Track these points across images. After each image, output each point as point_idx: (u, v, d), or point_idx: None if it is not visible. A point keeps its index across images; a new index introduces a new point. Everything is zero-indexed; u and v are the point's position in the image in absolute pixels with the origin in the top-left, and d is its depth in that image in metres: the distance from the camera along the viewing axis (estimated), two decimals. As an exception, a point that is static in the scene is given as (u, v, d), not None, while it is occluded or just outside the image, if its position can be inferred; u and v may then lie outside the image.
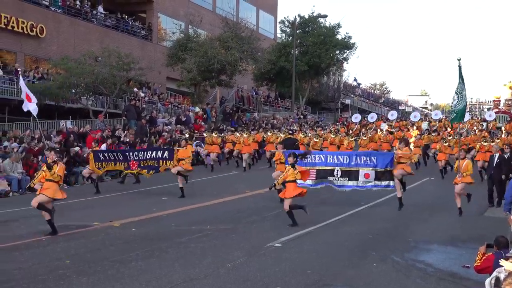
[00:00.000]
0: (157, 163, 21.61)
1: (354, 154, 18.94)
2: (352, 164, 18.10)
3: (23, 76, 33.10)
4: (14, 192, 22.74)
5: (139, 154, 22.12)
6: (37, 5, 38.30)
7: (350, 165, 18.12)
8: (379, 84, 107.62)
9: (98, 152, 22.48)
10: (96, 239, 14.02)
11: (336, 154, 19.36)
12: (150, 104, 41.03)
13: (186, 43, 44.09)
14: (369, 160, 18.02)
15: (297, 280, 10.38)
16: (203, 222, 16.15)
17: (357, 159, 18.18)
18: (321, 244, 13.65)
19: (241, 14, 55.71)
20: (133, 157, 21.90)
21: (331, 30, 59.00)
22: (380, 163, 17.85)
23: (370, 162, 17.94)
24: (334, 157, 18.50)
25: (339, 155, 18.71)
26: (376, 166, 17.85)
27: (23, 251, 12.51)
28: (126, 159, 21.98)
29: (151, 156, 21.77)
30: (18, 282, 9.95)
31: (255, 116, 50.04)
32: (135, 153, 22.36)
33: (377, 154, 19.37)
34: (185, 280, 10.24)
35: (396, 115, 53.49)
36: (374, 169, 17.85)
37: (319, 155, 18.99)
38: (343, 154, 18.98)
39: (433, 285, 10.56)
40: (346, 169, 18.11)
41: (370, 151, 24.23)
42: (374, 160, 17.97)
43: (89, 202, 20.22)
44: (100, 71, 34.18)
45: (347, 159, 18.27)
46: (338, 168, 18.14)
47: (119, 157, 22.11)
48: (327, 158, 18.52)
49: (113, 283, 9.96)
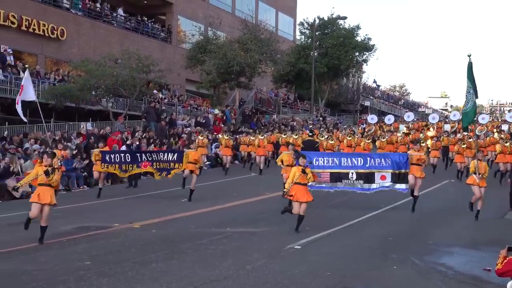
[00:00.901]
0: (168, 165, 21.17)
1: (368, 156, 18.60)
2: (366, 166, 17.75)
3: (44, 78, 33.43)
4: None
5: (152, 155, 21.74)
6: (58, 7, 38.64)
7: (364, 167, 17.75)
8: (398, 86, 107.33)
9: (105, 152, 21.94)
10: (117, 240, 14.08)
11: (351, 156, 18.88)
12: (170, 106, 41.18)
13: (205, 45, 44.18)
14: (384, 161, 17.70)
15: (317, 283, 10.35)
16: (222, 224, 16.16)
17: (371, 161, 17.83)
18: (341, 246, 13.61)
19: (260, 16, 55.74)
20: (145, 158, 21.51)
21: (351, 31, 58.86)
22: (395, 164, 17.54)
23: (386, 163, 17.61)
24: (349, 160, 18.08)
25: (353, 157, 18.31)
26: (391, 168, 17.51)
27: (44, 252, 12.58)
28: (136, 160, 21.50)
29: (163, 158, 21.36)
30: (40, 283, 10.01)
31: (274, 118, 50.01)
32: (147, 154, 22.07)
33: (391, 155, 19.03)
34: (205, 282, 10.25)
35: (413, 116, 53.18)
36: (390, 171, 17.49)
37: (333, 157, 18.48)
38: (357, 156, 18.59)
39: (454, 288, 10.50)
40: (361, 172, 17.75)
41: (385, 153, 23.81)
42: (389, 161, 17.64)
43: (108, 204, 20.30)
44: (120, 73, 34.35)
45: (361, 161, 17.87)
46: (353, 170, 17.75)
47: (126, 159, 21.56)
48: (341, 161, 18.04)
49: (133, 285, 9.99)
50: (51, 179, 13.54)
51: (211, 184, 26.00)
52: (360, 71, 67.49)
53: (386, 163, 17.60)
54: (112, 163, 21.47)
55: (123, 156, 21.69)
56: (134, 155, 21.82)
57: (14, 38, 35.18)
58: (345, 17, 59.20)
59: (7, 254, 12.41)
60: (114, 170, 21.65)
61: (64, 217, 17.32)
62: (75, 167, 24.68)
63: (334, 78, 61.49)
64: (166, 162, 21.19)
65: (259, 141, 30.07)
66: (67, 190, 24.22)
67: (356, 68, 61.91)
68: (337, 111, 66.56)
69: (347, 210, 18.26)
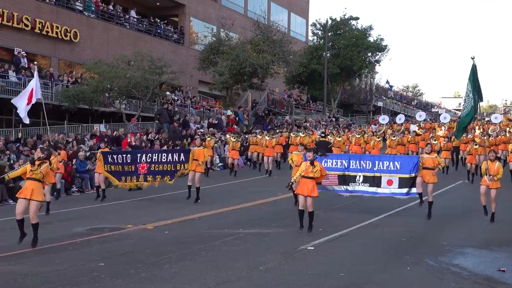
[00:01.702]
0: (173, 167, 20.46)
1: (378, 159, 18.32)
2: (375, 169, 17.53)
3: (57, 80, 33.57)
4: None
5: (153, 156, 21.02)
6: (71, 10, 38.86)
7: (372, 170, 17.55)
8: (411, 86, 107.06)
9: (107, 153, 21.64)
10: (130, 241, 14.11)
11: (359, 158, 18.65)
12: (182, 108, 41.25)
13: (218, 46, 44.24)
14: (392, 165, 17.38)
15: (331, 284, 10.33)
16: (235, 225, 16.17)
17: (379, 164, 17.58)
18: (354, 247, 13.57)
19: (272, 17, 55.81)
20: (144, 159, 20.82)
21: (363, 32, 58.88)
22: (404, 168, 17.21)
23: (394, 167, 17.31)
24: (357, 163, 17.86)
25: (362, 160, 18.06)
26: (399, 172, 17.22)
27: (58, 253, 12.63)
28: (134, 161, 20.91)
29: (166, 159, 20.66)
30: (54, 284, 10.05)
31: (287, 119, 50.00)
32: (148, 154, 21.27)
33: (401, 159, 18.61)
34: (218, 283, 10.25)
35: (425, 116, 52.95)
36: (398, 175, 17.24)
37: (342, 159, 18.28)
38: (366, 159, 18.34)
39: (468, 289, 10.45)
40: (368, 175, 17.57)
41: (394, 155, 23.37)
42: (397, 165, 17.32)
43: (121, 205, 20.36)
44: (133, 75, 34.46)
45: (369, 164, 17.67)
46: (361, 174, 17.60)
47: (127, 160, 21.10)
48: (350, 163, 17.88)
49: (146, 286, 10.01)
50: (35, 170, 13.09)
51: (223, 185, 26.06)
52: (373, 72, 67.36)
53: (395, 167, 17.32)
54: (115, 164, 21.18)
55: (124, 157, 21.33)
56: (135, 156, 21.33)
57: (28, 41, 35.42)
58: (357, 17, 59.26)
59: (21, 255, 12.47)
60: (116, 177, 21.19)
61: (77, 219, 17.45)
62: (88, 168, 24.78)
63: (346, 79, 61.43)
64: (170, 164, 20.56)
65: (266, 142, 29.78)
66: (81, 192, 24.33)
67: (368, 68, 61.77)
68: (349, 112, 66.49)
69: (360, 211, 18.19)
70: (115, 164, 21.19)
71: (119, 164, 21.16)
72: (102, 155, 21.40)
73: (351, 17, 58.73)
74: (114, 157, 21.37)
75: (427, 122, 50.68)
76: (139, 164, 20.87)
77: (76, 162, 25.05)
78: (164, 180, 20.67)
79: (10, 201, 20.78)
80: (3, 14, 33.54)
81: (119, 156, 21.48)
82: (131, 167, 20.98)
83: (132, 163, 20.99)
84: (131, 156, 21.29)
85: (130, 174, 21.00)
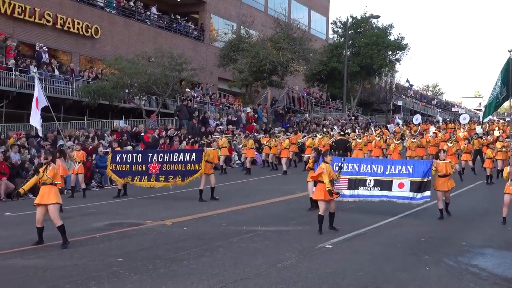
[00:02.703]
0: (184, 167, 20.27)
1: (390, 163, 18.12)
2: (386, 173, 17.28)
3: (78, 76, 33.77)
4: (69, 190, 23.14)
5: (165, 155, 20.92)
6: (92, 6, 39.08)
7: (384, 175, 17.30)
8: (432, 85, 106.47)
9: (117, 152, 21.55)
10: (149, 237, 14.18)
11: (370, 162, 18.45)
12: (202, 104, 41.35)
13: (238, 43, 44.25)
14: (404, 169, 17.13)
15: (348, 282, 10.30)
16: (254, 222, 16.18)
17: (391, 168, 17.34)
18: (372, 246, 13.53)
19: (293, 15, 55.73)
20: (156, 159, 20.65)
21: (384, 31, 58.64)
22: (416, 172, 16.94)
23: (406, 171, 17.05)
24: (368, 166, 17.66)
25: (374, 164, 17.88)
26: (411, 176, 16.95)
27: (78, 248, 12.71)
28: (146, 160, 20.73)
29: (178, 158, 20.50)
30: (73, 278, 10.12)
31: (306, 117, 49.93)
32: (160, 154, 21.17)
33: (414, 163, 18.29)
34: (236, 279, 10.26)
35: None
36: (409, 179, 16.97)
37: (352, 163, 18.01)
38: (377, 163, 18.16)
39: (487, 290, 10.39)
40: (379, 179, 17.33)
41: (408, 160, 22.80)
42: (410, 169, 17.06)
43: (140, 201, 20.44)
44: (153, 71, 34.62)
45: (381, 168, 17.44)
46: (371, 178, 17.36)
47: (137, 159, 20.93)
48: (361, 167, 17.69)
49: (165, 281, 10.04)
50: (42, 176, 12.87)
51: (241, 182, 26.11)
52: (393, 71, 67.03)
53: (407, 171, 17.05)
54: (122, 164, 21.02)
55: (135, 156, 21.20)
56: (146, 155, 21.17)
57: (49, 36, 35.69)
58: (378, 16, 58.90)
59: (41, 249, 12.57)
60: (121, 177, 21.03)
61: (97, 214, 17.57)
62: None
63: (366, 77, 61.19)
64: (181, 163, 20.37)
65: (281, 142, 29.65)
66: (100, 187, 24.47)
67: (389, 67, 61.45)
68: (369, 111, 66.26)
69: (378, 210, 18.06)
70: (122, 163, 21.04)
71: (126, 164, 20.99)
72: (111, 154, 21.42)
73: (372, 15, 58.49)
74: (123, 156, 21.24)
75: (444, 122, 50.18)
76: (150, 164, 20.68)
77: (95, 158, 25.20)
78: (175, 181, 20.49)
79: (30, 195, 20.91)
80: (25, 10, 33.81)
81: (128, 155, 21.35)
82: (142, 167, 20.79)
83: (143, 162, 20.81)
84: (142, 156, 21.15)
85: (140, 174, 20.80)
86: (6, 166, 21.54)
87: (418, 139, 32.37)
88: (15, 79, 29.79)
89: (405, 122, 50.40)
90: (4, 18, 33.10)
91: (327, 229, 14.68)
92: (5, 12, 32.84)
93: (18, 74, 29.96)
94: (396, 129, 44.24)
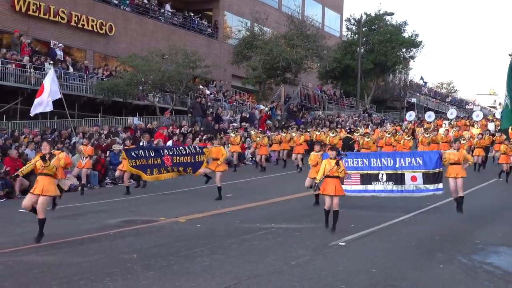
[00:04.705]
0: (193, 158, 20.56)
1: (398, 155, 17.96)
2: (396, 166, 17.12)
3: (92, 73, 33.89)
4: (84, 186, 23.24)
5: (173, 150, 21.41)
6: (106, 3, 39.22)
7: (394, 167, 17.13)
8: (446, 83, 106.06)
9: (130, 150, 21.63)
10: (162, 234, 14.22)
11: (380, 156, 18.30)
12: (215, 102, 41.39)
13: (251, 41, 44.29)
14: (414, 161, 16.97)
15: (361, 280, 10.28)
16: (267, 219, 16.18)
17: (401, 160, 17.18)
18: (385, 244, 13.49)
19: (306, 12, 55.67)
20: (167, 152, 21.11)
21: (398, 28, 58.50)
22: (427, 163, 16.76)
23: (416, 163, 16.88)
24: (378, 160, 17.48)
25: (382, 157, 17.70)
26: (423, 168, 16.76)
27: (91, 245, 12.76)
28: (159, 154, 21.05)
29: (185, 152, 20.86)
30: (87, 275, 10.15)
31: (320, 114, 49.88)
32: (168, 149, 21.79)
33: (422, 154, 18.08)
34: (249, 276, 10.27)
35: (456, 113, 52.20)
36: (421, 171, 16.78)
37: (362, 158, 17.87)
38: (386, 156, 18.00)
39: (501, 288, 10.34)
40: (391, 172, 17.15)
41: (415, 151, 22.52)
42: (420, 161, 16.90)
43: (153, 198, 20.49)
44: (167, 68, 34.68)
45: (391, 161, 17.27)
46: (383, 172, 17.20)
47: (150, 154, 21.20)
48: (371, 161, 17.51)
49: (178, 278, 10.06)
50: (47, 165, 12.66)
51: (254, 180, 26.11)
52: (407, 68, 66.79)
53: (417, 163, 16.88)
54: (139, 158, 21.18)
55: (148, 151, 21.41)
56: (158, 150, 21.56)
57: (64, 34, 35.87)
58: (392, 13, 58.71)
59: (55, 245, 12.62)
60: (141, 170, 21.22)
61: (110, 211, 17.62)
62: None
63: (380, 74, 61.09)
64: (190, 155, 20.66)
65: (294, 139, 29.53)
66: (114, 184, 24.53)
67: (403, 64, 61.25)
68: (383, 108, 66.07)
69: (392, 208, 18.01)
70: (138, 158, 21.23)
71: (143, 158, 21.20)
72: (125, 153, 21.50)
73: (386, 12, 58.35)
74: (137, 152, 21.43)
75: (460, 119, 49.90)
76: (164, 157, 20.98)
77: (110, 155, 25.27)
78: (187, 172, 20.89)
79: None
80: (40, 7, 33.98)
81: (140, 151, 21.52)
82: (157, 160, 21.05)
83: (157, 156, 21.08)
84: (154, 151, 21.47)
85: (157, 167, 21.07)
86: (21, 163, 21.63)
87: (433, 134, 32.21)
88: (29, 76, 29.92)
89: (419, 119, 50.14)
90: (19, 16, 33.29)
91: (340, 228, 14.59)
92: (20, 10, 33.02)
93: (32, 71, 30.09)
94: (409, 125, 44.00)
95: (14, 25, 32.83)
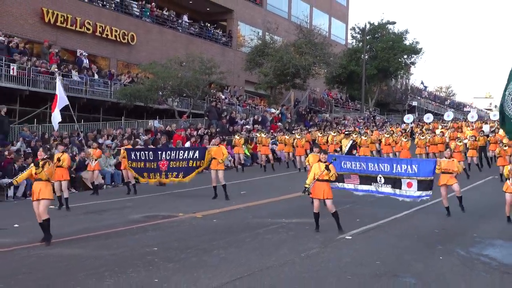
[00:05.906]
0: (186, 163, 20.05)
1: (395, 162, 17.49)
2: (393, 172, 16.70)
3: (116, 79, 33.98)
4: (108, 185, 23.35)
5: (172, 153, 20.76)
6: (129, 15, 39.33)
7: (391, 173, 16.74)
8: (444, 86, 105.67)
9: (131, 150, 21.31)
10: (181, 229, 14.25)
11: (377, 161, 17.85)
12: (230, 106, 41.41)
13: (263, 49, 44.26)
14: (410, 168, 16.47)
15: (367, 270, 10.28)
16: (278, 215, 16.19)
17: (397, 167, 16.70)
18: (389, 237, 13.48)
19: (314, 21, 55.66)
20: (164, 156, 20.46)
21: (399, 36, 58.22)
22: (421, 171, 16.26)
23: (412, 170, 16.38)
24: (375, 165, 17.08)
25: (380, 163, 17.30)
26: (417, 175, 16.28)
27: (116, 239, 12.82)
28: (156, 158, 20.50)
29: (182, 156, 20.32)
30: (111, 267, 10.20)
31: (327, 117, 49.82)
32: (167, 152, 20.94)
33: (418, 162, 17.63)
34: (262, 268, 10.29)
35: (453, 116, 51.84)
36: (416, 178, 16.25)
37: (360, 162, 17.45)
38: (384, 162, 17.56)
39: (497, 278, 10.29)
40: (389, 177, 16.74)
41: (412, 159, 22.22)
42: (415, 168, 16.40)
43: (172, 195, 20.58)
44: (185, 75, 34.77)
45: (387, 167, 16.84)
46: (381, 175, 16.80)
47: (149, 157, 20.73)
48: (368, 166, 17.13)
49: (196, 269, 10.09)
50: (40, 172, 12.43)
51: (264, 178, 26.09)
52: (408, 73, 66.55)
53: (413, 170, 16.39)
54: (137, 161, 20.85)
55: (147, 154, 20.96)
56: (156, 153, 20.97)
57: (89, 43, 35.98)
58: (394, 22, 58.56)
59: (83, 239, 12.70)
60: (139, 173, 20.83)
61: (133, 207, 17.71)
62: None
63: (383, 79, 60.86)
64: (184, 160, 20.19)
65: (296, 141, 28.84)
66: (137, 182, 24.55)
67: (404, 70, 61.02)
68: (386, 111, 65.87)
69: (394, 203, 17.86)
70: (137, 161, 20.86)
71: (141, 161, 20.82)
72: (126, 152, 21.20)
73: (388, 21, 58.11)
74: (137, 154, 21.05)
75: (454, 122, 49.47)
76: (160, 162, 20.53)
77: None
78: (179, 178, 20.36)
79: (72, 189, 21.12)
80: (67, 19, 34.11)
81: (141, 153, 21.14)
82: (153, 164, 20.65)
83: (154, 160, 20.65)
84: (153, 154, 20.96)
85: (153, 171, 20.68)
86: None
87: (430, 137, 31.76)
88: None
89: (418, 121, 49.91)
90: (48, 27, 33.43)
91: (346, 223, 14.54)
92: (49, 21, 33.16)
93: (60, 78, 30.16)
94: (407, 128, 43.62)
95: (43, 36, 32.98)
